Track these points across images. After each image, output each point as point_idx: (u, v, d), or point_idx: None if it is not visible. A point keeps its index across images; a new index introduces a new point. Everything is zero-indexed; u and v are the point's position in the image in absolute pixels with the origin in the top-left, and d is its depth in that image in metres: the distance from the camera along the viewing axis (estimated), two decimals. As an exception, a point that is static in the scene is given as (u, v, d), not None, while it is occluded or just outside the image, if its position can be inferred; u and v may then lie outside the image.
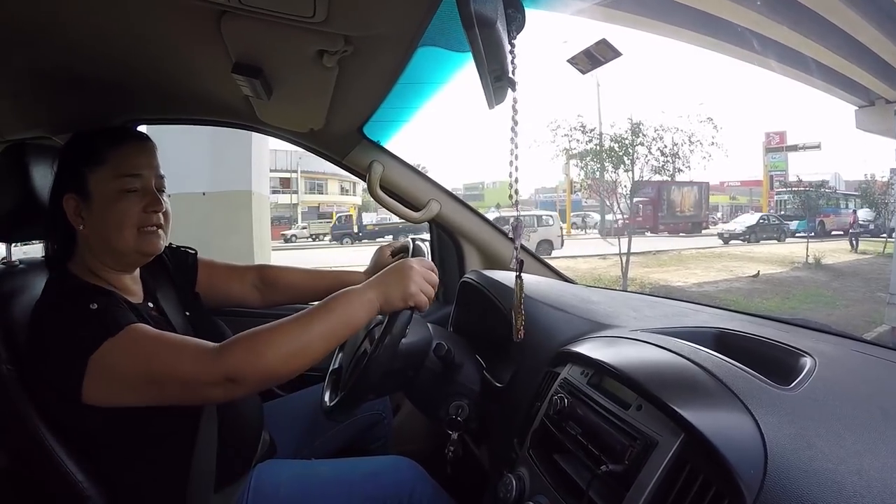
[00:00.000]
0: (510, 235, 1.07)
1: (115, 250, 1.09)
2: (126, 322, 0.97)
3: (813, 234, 16.79)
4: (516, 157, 0.96)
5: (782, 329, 1.10)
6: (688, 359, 0.92)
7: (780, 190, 21.12)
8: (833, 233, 18.77)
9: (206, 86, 1.41)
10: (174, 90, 1.46)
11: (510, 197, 0.98)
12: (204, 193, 6.06)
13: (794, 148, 22.95)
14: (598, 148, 12.49)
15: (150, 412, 0.99)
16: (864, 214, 18.50)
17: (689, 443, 0.74)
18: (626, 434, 0.83)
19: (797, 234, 18.54)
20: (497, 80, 0.83)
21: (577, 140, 12.64)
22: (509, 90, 0.87)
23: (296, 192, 30.38)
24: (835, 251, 14.06)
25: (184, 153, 5.27)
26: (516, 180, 0.97)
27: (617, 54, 0.83)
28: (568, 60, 0.86)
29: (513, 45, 0.82)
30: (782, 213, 20.58)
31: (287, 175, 30.01)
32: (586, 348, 1.07)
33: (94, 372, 0.93)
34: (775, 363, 0.93)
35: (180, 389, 0.96)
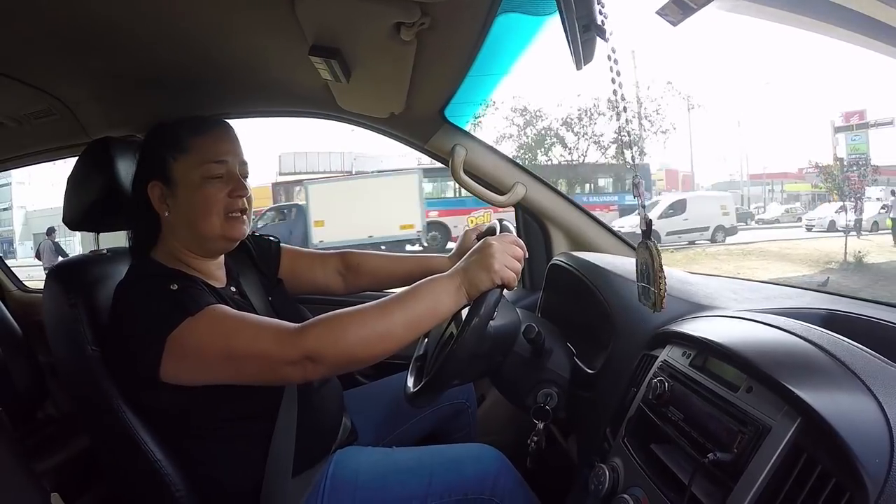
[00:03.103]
0: (633, 194, 1.02)
1: (202, 236, 1.15)
2: (206, 303, 1.03)
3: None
4: (624, 109, 0.91)
5: (895, 313, 1.02)
6: (801, 336, 0.86)
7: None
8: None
9: (285, 75, 1.47)
10: (254, 82, 1.52)
11: (631, 156, 0.94)
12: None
13: (865, 126, 19.96)
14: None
15: (229, 394, 1.05)
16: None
17: (807, 428, 0.70)
18: (734, 419, 0.79)
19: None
20: (585, 30, 0.80)
21: (517, 125, 11.90)
22: (597, 48, 0.84)
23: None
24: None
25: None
26: (627, 134, 0.93)
27: (709, -2, 0.78)
28: (657, 12, 0.82)
29: None
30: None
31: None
32: (688, 327, 1.02)
33: (173, 350, 0.99)
34: (891, 345, 0.86)
35: (258, 367, 1.00)
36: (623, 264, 1.41)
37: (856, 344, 0.83)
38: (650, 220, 1.00)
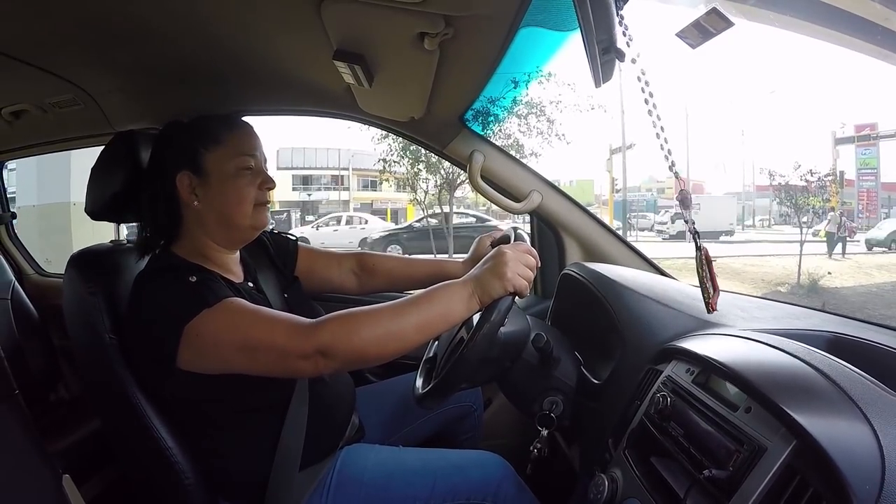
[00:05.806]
0: (679, 209, 1.05)
1: (233, 225, 1.21)
2: (224, 295, 1.07)
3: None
4: (662, 129, 0.93)
5: None
6: (803, 360, 0.88)
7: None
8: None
9: (307, 75, 1.50)
10: (277, 80, 1.56)
11: (670, 168, 0.96)
12: (34, 206, 7.13)
13: (867, 138, 19.00)
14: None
15: (241, 387, 1.09)
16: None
17: (801, 451, 0.72)
18: (732, 438, 0.82)
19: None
20: (605, 52, 0.83)
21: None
22: (616, 70, 0.87)
23: (346, 189, 32.45)
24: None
25: (23, 168, 6.52)
26: (669, 152, 0.95)
27: (729, 24, 0.80)
28: (676, 34, 0.84)
29: (621, 17, 0.81)
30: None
31: (337, 173, 32.38)
32: (693, 344, 1.04)
33: (190, 339, 1.03)
34: (893, 372, 0.88)
35: (271, 359, 1.04)
36: (635, 277, 1.43)
37: (856, 370, 0.85)
38: (696, 230, 1.03)
